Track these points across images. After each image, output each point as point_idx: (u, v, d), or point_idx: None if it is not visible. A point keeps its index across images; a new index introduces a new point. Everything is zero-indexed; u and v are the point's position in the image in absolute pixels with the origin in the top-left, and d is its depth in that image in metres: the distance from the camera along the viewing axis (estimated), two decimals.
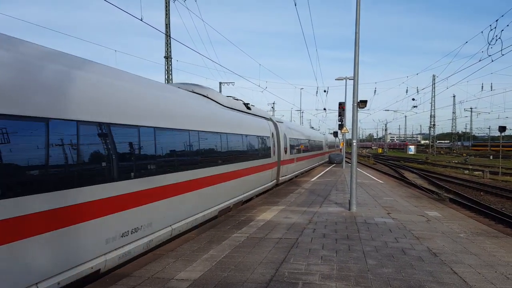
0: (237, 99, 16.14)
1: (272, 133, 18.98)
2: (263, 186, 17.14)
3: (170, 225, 8.60)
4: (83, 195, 5.80)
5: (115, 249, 6.62)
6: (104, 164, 6.38)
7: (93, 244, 6.05)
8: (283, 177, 21.47)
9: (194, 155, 9.74)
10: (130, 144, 7.16)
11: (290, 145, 23.26)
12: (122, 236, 6.78)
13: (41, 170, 5.13)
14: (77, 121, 5.79)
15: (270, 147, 18.07)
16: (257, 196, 16.58)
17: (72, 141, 5.66)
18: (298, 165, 26.64)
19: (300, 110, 77.28)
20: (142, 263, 7.15)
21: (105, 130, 6.41)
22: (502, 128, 34.44)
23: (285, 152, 21.71)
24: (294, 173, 25.29)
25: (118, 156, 6.72)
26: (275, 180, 19.86)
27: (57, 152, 5.39)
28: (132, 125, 7.21)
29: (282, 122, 23.01)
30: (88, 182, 5.94)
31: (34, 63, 5.39)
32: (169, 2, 26.71)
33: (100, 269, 6.31)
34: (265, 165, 17.16)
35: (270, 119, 20.60)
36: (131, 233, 7.07)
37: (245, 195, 14.38)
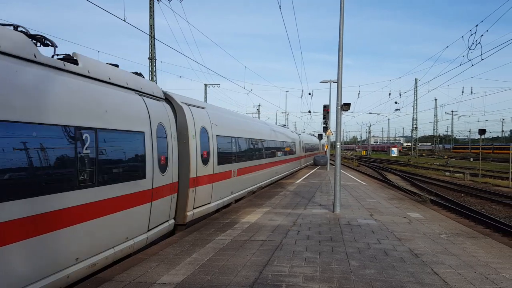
0: None
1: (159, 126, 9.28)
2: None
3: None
4: None
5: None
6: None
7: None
8: (196, 210, 11.13)
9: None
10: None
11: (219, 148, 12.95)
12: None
13: None
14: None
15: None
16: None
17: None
18: (238, 182, 15.41)
19: (285, 113, 77.34)
20: (124, 267, 7.06)
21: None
22: (482, 131, 35.01)
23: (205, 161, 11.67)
24: (228, 198, 14.03)
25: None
26: (167, 222, 9.80)
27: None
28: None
29: (202, 108, 12.26)
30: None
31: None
32: (153, 3, 26.58)
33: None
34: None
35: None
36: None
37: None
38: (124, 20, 11.81)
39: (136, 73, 9.22)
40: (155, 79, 27.43)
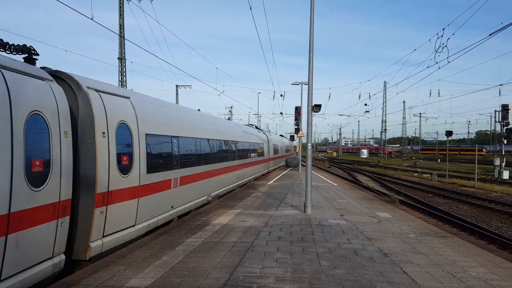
0: None
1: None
2: None
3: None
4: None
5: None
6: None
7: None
8: (107, 238, 8.22)
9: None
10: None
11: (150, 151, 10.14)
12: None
13: None
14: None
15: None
16: None
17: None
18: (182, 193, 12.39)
19: (257, 114, 77.51)
20: (91, 271, 6.86)
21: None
22: (449, 133, 35.88)
23: (124, 169, 8.85)
24: (167, 214, 11.18)
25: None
26: (48, 261, 6.69)
27: None
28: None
29: (124, 97, 9.53)
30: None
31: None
32: (123, 2, 26.15)
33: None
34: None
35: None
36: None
37: None
38: (91, 19, 11.53)
39: None
40: (125, 79, 26.96)
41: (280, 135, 58.85)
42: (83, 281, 6.36)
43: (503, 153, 38.81)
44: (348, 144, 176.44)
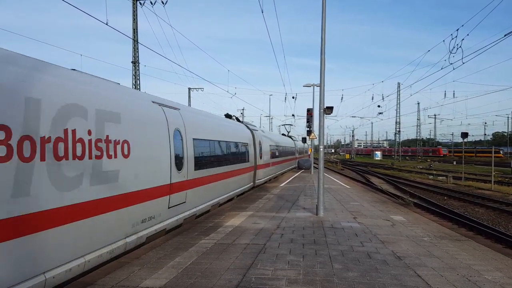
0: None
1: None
2: None
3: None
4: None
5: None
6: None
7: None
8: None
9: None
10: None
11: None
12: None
13: None
14: None
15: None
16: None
17: None
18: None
19: (269, 116, 77.52)
20: (107, 271, 6.99)
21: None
22: (464, 134, 35.52)
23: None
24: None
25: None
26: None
27: None
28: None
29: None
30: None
31: None
32: (136, 7, 26.44)
33: None
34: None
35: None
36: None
37: None
38: (107, 24, 11.71)
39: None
40: (138, 82, 27.25)
41: (303, 139, 58.96)
42: (99, 281, 6.48)
43: None
44: (361, 145, 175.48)
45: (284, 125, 54.10)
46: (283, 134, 48.31)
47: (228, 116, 21.07)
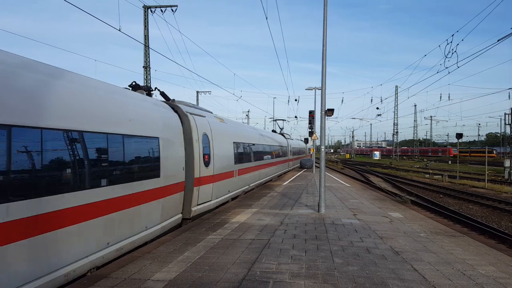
0: None
1: None
2: None
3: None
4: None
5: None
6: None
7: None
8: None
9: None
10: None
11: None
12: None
13: None
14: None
15: None
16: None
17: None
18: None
19: (273, 118, 77.54)
20: (120, 265, 7.04)
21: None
22: (459, 135, 35.38)
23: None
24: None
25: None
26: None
27: None
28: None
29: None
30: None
31: None
32: (147, 14, 26.54)
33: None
34: None
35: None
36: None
37: None
38: (119, 30, 11.78)
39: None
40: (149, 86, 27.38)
41: (305, 139, 58.44)
42: (113, 274, 6.54)
43: None
44: (361, 146, 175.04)
45: (275, 120, 44.48)
46: (273, 131, 38.97)
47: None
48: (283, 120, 44.28)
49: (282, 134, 39.38)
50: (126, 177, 7.91)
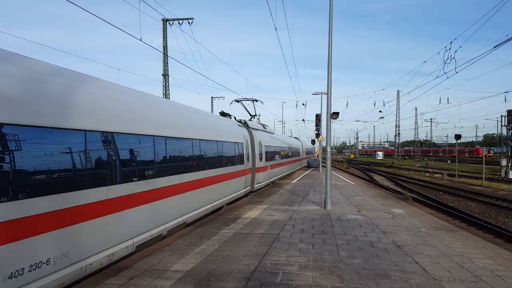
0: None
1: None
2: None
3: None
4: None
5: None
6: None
7: None
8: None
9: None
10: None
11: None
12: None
13: None
14: None
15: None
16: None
17: None
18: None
19: (282, 121, 77.42)
20: (141, 257, 7.08)
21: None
22: (458, 136, 34.94)
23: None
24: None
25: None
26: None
27: None
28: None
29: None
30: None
31: None
32: (166, 27, 26.74)
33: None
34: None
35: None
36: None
37: None
38: (140, 40, 11.87)
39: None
40: (168, 93, 27.51)
41: (312, 141, 58.49)
42: (134, 265, 6.57)
43: (510, 154, 37.41)
44: (365, 147, 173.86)
45: (293, 136, 53.90)
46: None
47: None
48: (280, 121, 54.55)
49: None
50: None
